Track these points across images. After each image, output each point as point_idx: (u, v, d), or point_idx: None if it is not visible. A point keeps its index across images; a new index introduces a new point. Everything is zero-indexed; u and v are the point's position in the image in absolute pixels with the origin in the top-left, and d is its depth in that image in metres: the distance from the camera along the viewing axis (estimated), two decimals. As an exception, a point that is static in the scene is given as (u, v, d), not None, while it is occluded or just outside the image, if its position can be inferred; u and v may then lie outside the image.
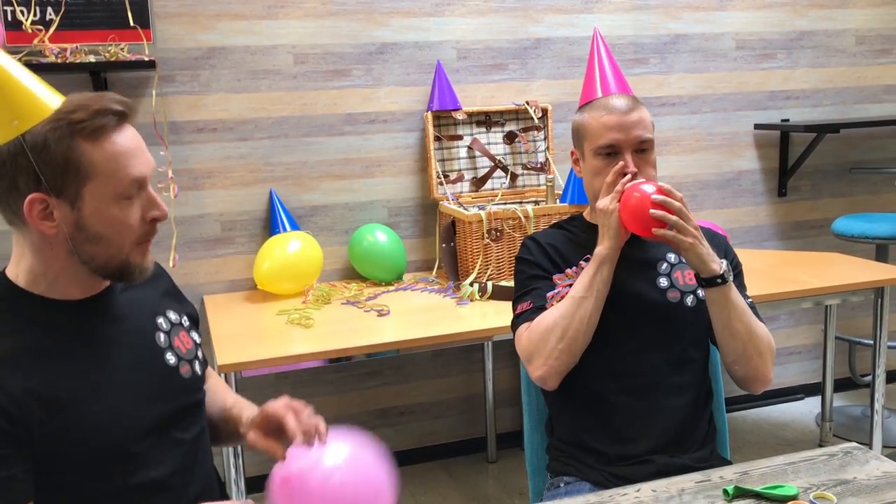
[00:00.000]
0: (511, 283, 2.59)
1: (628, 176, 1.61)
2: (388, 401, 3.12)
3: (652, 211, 1.51)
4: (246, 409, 1.37)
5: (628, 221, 1.56)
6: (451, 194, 2.91)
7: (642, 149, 1.66)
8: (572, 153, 1.81)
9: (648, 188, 1.55)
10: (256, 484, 1.74)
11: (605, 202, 1.60)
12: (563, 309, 1.59)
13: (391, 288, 2.81)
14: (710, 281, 1.55)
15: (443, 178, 2.93)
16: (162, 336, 1.30)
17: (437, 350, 3.05)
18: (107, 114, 1.13)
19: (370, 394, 3.09)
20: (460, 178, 2.98)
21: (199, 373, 1.35)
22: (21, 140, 1.10)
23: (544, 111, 3.01)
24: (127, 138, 1.16)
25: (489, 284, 2.59)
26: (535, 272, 1.70)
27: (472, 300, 2.59)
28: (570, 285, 1.63)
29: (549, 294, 1.67)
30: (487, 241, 2.65)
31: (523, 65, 3.07)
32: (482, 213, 2.65)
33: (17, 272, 1.19)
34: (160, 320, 1.31)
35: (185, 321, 1.37)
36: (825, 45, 3.44)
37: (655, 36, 3.21)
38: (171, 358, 1.29)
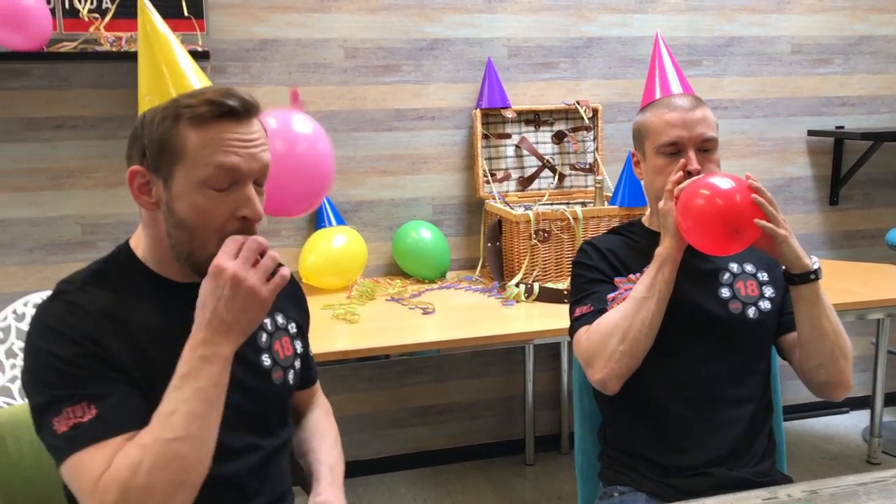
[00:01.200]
0: (558, 286, 2.58)
1: (680, 174, 1.57)
2: (427, 399, 3.11)
3: (754, 196, 1.45)
4: (317, 466, 1.37)
5: (698, 225, 1.49)
6: (498, 193, 2.88)
7: (706, 147, 1.62)
8: (633, 155, 1.77)
9: (723, 182, 1.47)
10: None
11: (665, 203, 1.56)
12: (624, 310, 1.56)
13: (434, 286, 2.79)
14: (804, 277, 1.50)
15: (489, 177, 2.90)
16: (264, 336, 1.29)
17: (477, 350, 3.03)
18: (215, 104, 1.13)
19: (409, 391, 3.07)
20: (507, 177, 2.94)
21: (291, 382, 1.33)
22: (144, 115, 1.17)
23: (595, 111, 2.97)
24: (231, 132, 1.15)
25: (535, 286, 2.56)
26: (594, 276, 1.67)
27: (517, 301, 2.56)
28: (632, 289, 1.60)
29: (610, 296, 1.63)
30: (535, 241, 2.62)
31: (574, 64, 3.03)
32: (530, 213, 2.62)
33: (138, 243, 1.23)
34: (267, 321, 1.30)
35: (293, 328, 1.37)
36: (885, 51, 3.36)
37: (709, 38, 3.15)
38: (266, 360, 1.29)
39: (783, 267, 1.54)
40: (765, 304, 1.64)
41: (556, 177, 2.97)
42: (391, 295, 2.67)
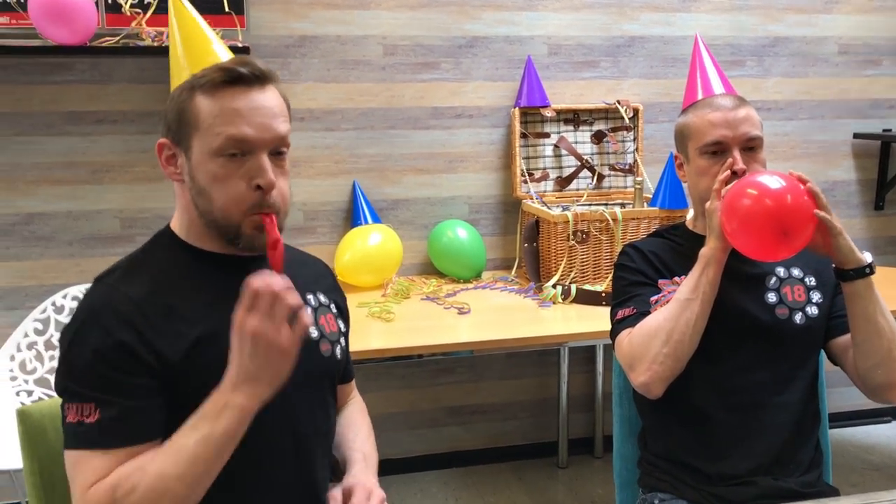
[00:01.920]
0: (596, 288, 2.55)
1: (727, 173, 1.54)
2: (460, 399, 3.08)
3: (810, 186, 1.42)
4: (350, 454, 1.36)
5: (745, 227, 1.44)
6: (535, 193, 2.85)
7: (751, 146, 1.59)
8: (675, 157, 1.74)
9: (772, 181, 1.42)
10: None
11: (711, 202, 1.53)
12: (667, 312, 1.52)
13: (470, 285, 2.77)
14: (859, 272, 1.46)
15: (527, 176, 2.87)
16: (308, 310, 1.29)
17: (512, 351, 3.00)
18: (224, 71, 1.15)
19: (442, 390, 3.05)
20: (545, 177, 2.91)
21: (339, 357, 1.34)
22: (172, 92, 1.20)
23: (635, 111, 2.92)
24: (241, 100, 1.16)
25: (573, 287, 2.53)
26: (637, 278, 1.64)
27: (554, 303, 2.52)
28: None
29: (653, 299, 1.60)
30: (573, 242, 2.59)
31: (615, 63, 2.98)
32: (568, 213, 2.58)
33: (176, 221, 1.25)
34: (309, 296, 1.31)
35: (334, 308, 1.37)
36: (934, 53, 3.27)
37: (754, 38, 3.09)
38: (313, 332, 1.29)
39: (834, 266, 1.49)
40: (812, 310, 1.60)
41: (595, 177, 2.93)
42: (426, 294, 2.66)
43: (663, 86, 3.04)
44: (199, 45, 1.24)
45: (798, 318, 1.59)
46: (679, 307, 1.51)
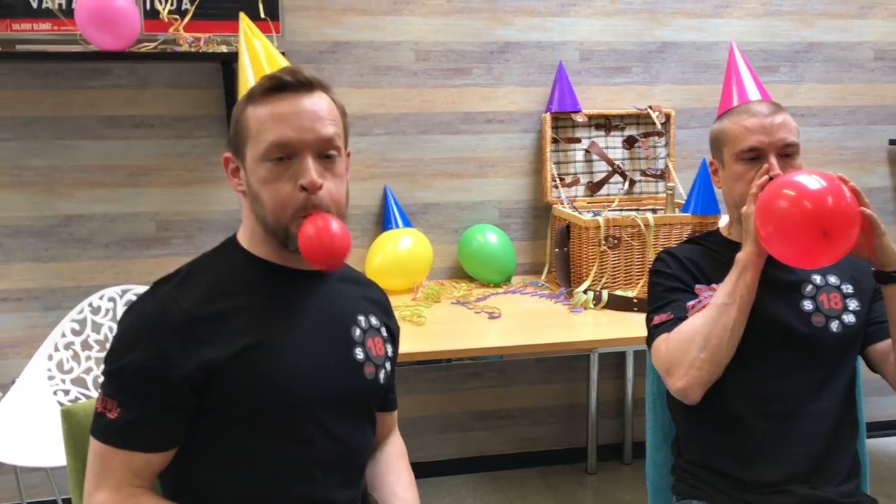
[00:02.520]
0: (628, 294, 2.54)
1: (765, 178, 1.53)
2: (488, 404, 3.09)
3: (853, 185, 1.41)
4: (393, 500, 1.38)
5: (781, 231, 1.41)
6: (566, 198, 2.85)
7: (787, 153, 1.58)
8: (711, 164, 1.73)
9: (811, 182, 1.38)
10: None
11: (748, 206, 1.52)
12: (704, 317, 1.52)
13: (500, 290, 2.77)
14: None
15: (558, 181, 2.88)
16: (357, 331, 1.31)
17: (541, 356, 3.00)
18: (272, 79, 1.20)
19: (470, 395, 3.06)
20: (575, 182, 2.91)
21: (381, 382, 1.34)
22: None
23: (667, 117, 2.91)
24: (284, 105, 1.19)
25: (604, 293, 2.52)
26: (673, 284, 1.64)
27: (585, 308, 2.52)
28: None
29: (690, 304, 1.60)
30: (604, 248, 2.58)
31: (647, 68, 2.98)
32: (599, 218, 2.58)
33: (242, 233, 1.29)
34: (360, 317, 1.33)
35: (384, 332, 1.38)
36: (972, 59, 3.23)
37: (787, 43, 3.07)
38: (359, 353, 1.30)
39: (874, 269, 1.48)
40: (849, 318, 1.59)
41: (626, 182, 2.92)
42: (456, 298, 2.66)
43: (695, 92, 3.02)
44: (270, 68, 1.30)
45: (834, 326, 1.58)
46: (716, 312, 1.51)
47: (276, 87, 1.19)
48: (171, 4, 2.55)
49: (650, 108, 2.90)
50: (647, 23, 2.95)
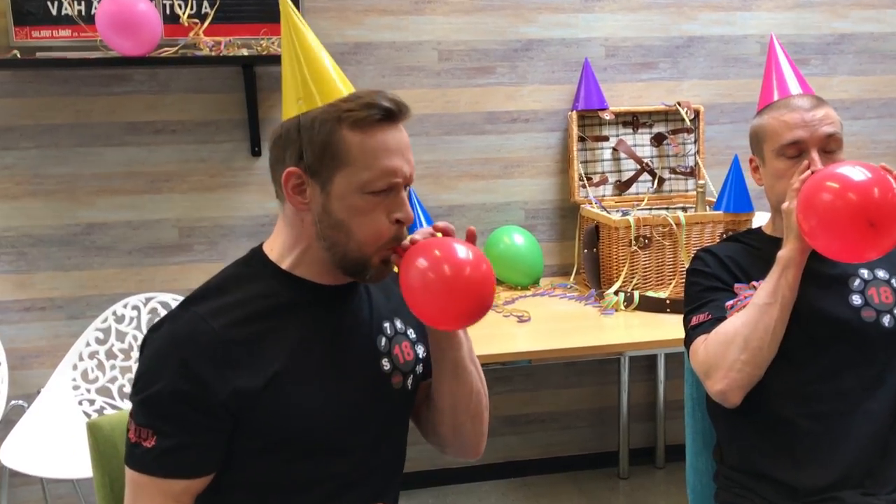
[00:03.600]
0: (659, 295, 2.48)
1: (808, 172, 1.47)
2: (517, 408, 3.03)
3: None
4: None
5: (825, 224, 1.36)
6: (594, 197, 2.79)
7: (830, 148, 1.53)
8: (751, 160, 1.68)
9: (855, 173, 1.32)
10: None
11: (787, 202, 1.48)
12: (745, 317, 1.47)
13: (528, 292, 2.72)
14: None
15: (585, 181, 2.82)
16: (384, 340, 1.27)
17: (571, 360, 2.94)
18: (374, 108, 1.14)
19: (498, 399, 3.00)
20: (604, 181, 2.85)
21: (410, 388, 1.30)
22: (299, 118, 1.16)
23: (696, 113, 2.85)
24: (390, 136, 1.15)
25: (636, 294, 2.46)
26: (712, 283, 1.58)
27: (616, 310, 2.46)
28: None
29: (729, 304, 1.54)
30: (635, 248, 2.52)
31: (674, 64, 2.92)
32: (629, 218, 2.52)
33: (273, 246, 1.24)
34: (386, 324, 1.29)
35: (412, 333, 1.33)
36: None
37: (818, 35, 3.00)
38: (385, 364, 1.26)
39: None
40: None
41: (656, 181, 2.86)
42: (484, 301, 2.61)
43: (724, 87, 2.96)
44: (314, 58, 1.20)
45: (886, 320, 1.52)
46: (757, 312, 1.46)
47: (386, 116, 1.14)
48: (191, 8, 2.53)
49: (679, 104, 2.84)
50: (673, 17, 2.89)
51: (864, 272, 1.56)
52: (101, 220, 2.66)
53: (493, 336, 2.28)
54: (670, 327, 2.31)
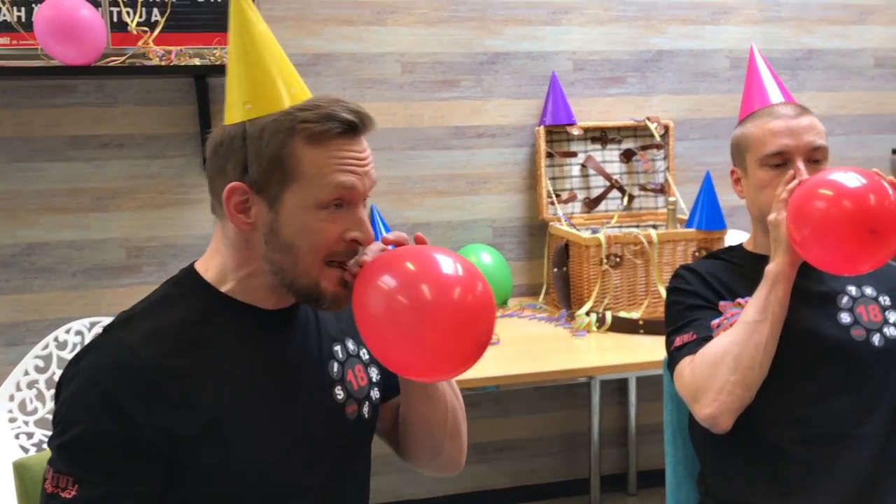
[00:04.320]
0: (632, 315, 2.39)
1: (795, 181, 1.41)
2: (485, 435, 2.91)
3: (893, 179, 1.28)
4: None
5: (820, 234, 1.29)
6: (563, 215, 2.70)
7: (815, 158, 1.49)
8: (732, 172, 1.61)
9: (848, 179, 1.27)
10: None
11: (774, 214, 1.41)
12: (733, 336, 1.38)
13: (496, 314, 2.61)
14: None
15: (554, 198, 2.73)
16: (335, 366, 1.14)
17: (540, 384, 2.83)
18: (334, 120, 1.01)
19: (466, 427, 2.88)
20: (572, 198, 2.77)
21: (367, 417, 1.17)
22: (245, 125, 1.03)
23: (666, 128, 2.78)
24: (348, 149, 1.02)
25: (608, 315, 2.37)
26: (695, 301, 1.49)
27: (588, 331, 2.37)
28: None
29: (714, 323, 1.45)
30: (606, 266, 2.43)
31: (643, 78, 2.85)
32: (600, 236, 2.43)
33: (208, 266, 1.09)
34: (337, 348, 1.16)
35: (365, 354, 1.20)
36: (974, 64, 3.14)
37: (787, 50, 2.96)
38: (339, 393, 1.13)
39: None
40: (891, 331, 1.46)
41: (625, 198, 2.78)
42: (450, 323, 2.50)
43: (694, 101, 2.90)
44: (273, 55, 1.06)
45: (876, 339, 1.44)
46: (746, 330, 1.37)
47: (347, 130, 1.02)
48: (140, 16, 2.40)
49: (648, 119, 2.77)
50: (641, 31, 2.83)
51: (852, 289, 1.50)
52: (43, 239, 2.50)
53: (459, 360, 2.17)
54: (644, 349, 2.23)
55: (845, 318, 1.46)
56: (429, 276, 0.92)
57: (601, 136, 2.78)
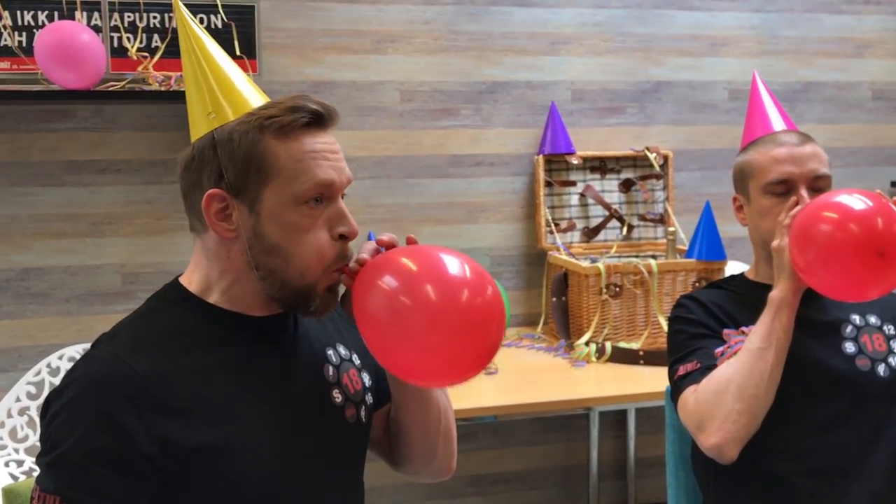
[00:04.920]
0: (632, 346, 2.37)
1: (798, 207, 1.39)
2: (482, 467, 2.87)
3: None
4: None
5: (825, 258, 1.27)
6: (562, 244, 2.69)
7: (818, 186, 1.47)
8: (734, 199, 1.60)
9: (854, 202, 1.24)
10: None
11: (777, 240, 1.40)
12: (738, 364, 1.36)
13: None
14: None
15: (552, 227, 2.72)
16: (331, 370, 1.12)
17: (538, 415, 2.80)
18: (299, 111, 1.01)
19: (462, 458, 2.80)
20: (571, 227, 2.76)
21: (364, 421, 1.15)
22: (212, 134, 1.02)
23: (665, 158, 2.78)
24: (319, 141, 1.02)
25: (608, 345, 2.35)
26: (699, 331, 1.47)
27: (588, 362, 2.34)
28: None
29: (718, 351, 1.43)
30: (605, 296, 2.41)
31: (642, 109, 2.86)
32: (599, 265, 2.42)
33: (191, 280, 1.07)
34: (330, 352, 1.14)
35: (357, 359, 1.18)
36: (971, 98, 3.15)
37: (785, 83, 2.97)
38: (337, 395, 1.11)
39: None
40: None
41: (625, 227, 2.77)
42: (448, 352, 2.47)
43: (692, 133, 2.91)
44: (228, 75, 1.07)
45: (881, 369, 1.43)
46: (751, 357, 1.35)
47: (313, 120, 1.02)
48: (141, 42, 2.40)
49: (647, 149, 2.77)
50: (640, 61, 2.84)
51: (856, 318, 1.48)
52: (38, 264, 2.48)
53: (456, 390, 2.12)
54: (644, 380, 2.20)
55: (850, 347, 1.44)
56: (434, 275, 0.89)
57: (600, 165, 2.78)
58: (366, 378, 1.18)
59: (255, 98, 1.06)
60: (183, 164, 1.05)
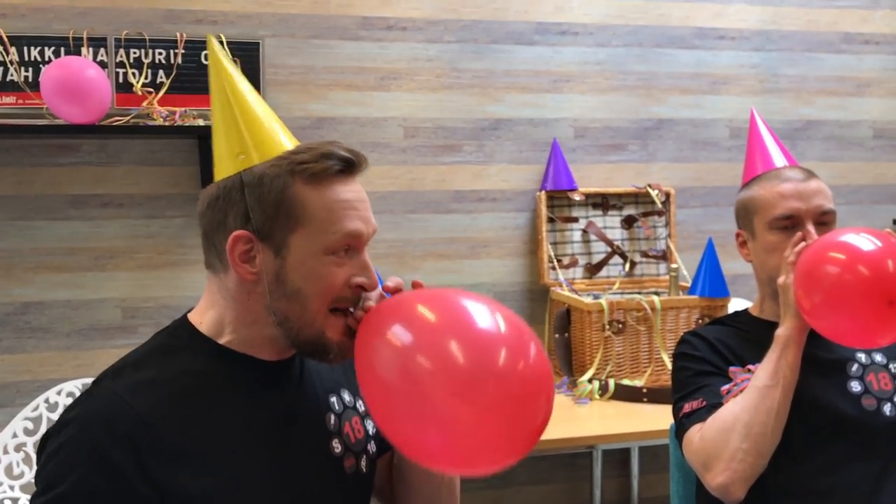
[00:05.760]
0: (635, 383, 2.35)
1: (804, 244, 1.38)
2: (483, 506, 2.83)
3: None
4: None
5: (833, 302, 1.24)
6: (565, 280, 2.68)
7: (824, 221, 1.46)
8: (738, 235, 1.59)
9: (862, 242, 1.20)
10: None
11: (783, 277, 1.39)
12: (744, 402, 1.34)
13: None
14: None
15: (555, 263, 2.71)
16: (333, 418, 1.11)
17: (540, 454, 2.77)
18: (332, 158, 1.00)
19: (465, 499, 2.79)
20: (573, 263, 2.75)
21: (365, 471, 1.13)
22: (240, 175, 1.01)
23: (667, 195, 2.78)
24: (349, 190, 1.02)
25: (611, 382, 2.33)
26: (704, 368, 1.46)
27: (591, 399, 2.32)
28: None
29: (724, 389, 1.42)
30: (608, 333, 2.40)
31: (643, 146, 2.87)
32: (602, 301, 2.40)
33: (202, 319, 1.05)
34: (333, 399, 1.13)
35: (361, 406, 1.17)
36: (971, 137, 3.16)
37: (786, 121, 2.99)
38: (336, 446, 1.09)
39: None
40: None
41: (627, 264, 2.77)
42: (450, 389, 2.45)
43: (694, 170, 2.91)
44: (260, 116, 1.06)
45: (888, 409, 1.41)
46: (757, 395, 1.33)
47: (345, 168, 1.02)
48: (146, 77, 2.41)
49: (649, 186, 2.77)
50: (642, 99, 2.86)
51: (862, 356, 1.47)
52: (38, 298, 2.47)
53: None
54: (648, 418, 2.17)
55: (855, 386, 1.42)
56: (461, 330, 0.70)
57: (602, 201, 2.78)
58: (369, 426, 1.16)
59: (285, 140, 1.05)
60: (206, 202, 1.04)
